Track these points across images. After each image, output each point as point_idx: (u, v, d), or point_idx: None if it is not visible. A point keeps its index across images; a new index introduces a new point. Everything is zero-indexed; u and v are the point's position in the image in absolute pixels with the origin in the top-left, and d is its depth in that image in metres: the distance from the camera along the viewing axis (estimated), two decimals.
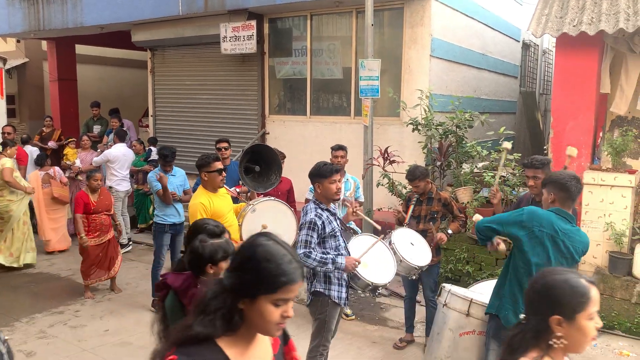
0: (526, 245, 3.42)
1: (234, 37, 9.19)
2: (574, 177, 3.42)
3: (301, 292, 6.76)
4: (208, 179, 4.76)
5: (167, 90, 11.12)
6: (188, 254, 2.70)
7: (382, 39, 8.41)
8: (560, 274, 1.92)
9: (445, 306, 4.39)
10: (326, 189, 4.02)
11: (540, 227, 3.37)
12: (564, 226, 3.37)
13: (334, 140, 7.42)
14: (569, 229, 3.39)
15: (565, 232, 3.36)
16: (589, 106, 6.43)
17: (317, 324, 4.12)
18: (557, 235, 3.35)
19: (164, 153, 6.35)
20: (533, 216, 3.41)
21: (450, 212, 5.32)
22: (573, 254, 3.39)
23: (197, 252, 2.64)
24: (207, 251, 2.63)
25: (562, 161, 6.47)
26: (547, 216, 3.40)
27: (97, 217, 6.74)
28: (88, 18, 10.86)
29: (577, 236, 3.43)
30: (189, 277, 2.64)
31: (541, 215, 3.41)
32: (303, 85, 9.25)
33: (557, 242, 3.36)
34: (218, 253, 2.63)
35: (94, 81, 14.96)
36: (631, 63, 6.45)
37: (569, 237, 3.37)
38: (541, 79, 13.92)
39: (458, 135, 7.25)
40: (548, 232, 3.36)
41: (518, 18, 11.35)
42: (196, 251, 2.64)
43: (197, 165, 4.82)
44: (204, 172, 4.76)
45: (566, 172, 3.48)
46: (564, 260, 3.39)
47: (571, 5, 6.43)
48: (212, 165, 4.76)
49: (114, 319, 6.03)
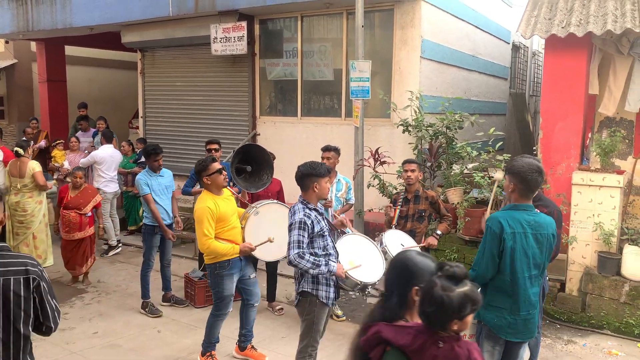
0: (505, 254, 3.42)
1: (224, 38, 9.17)
2: (536, 168, 3.39)
3: (292, 293, 6.75)
4: (211, 181, 4.75)
5: (157, 92, 11.08)
6: (427, 304, 2.13)
7: (373, 40, 8.43)
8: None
9: None
10: (323, 188, 4.05)
11: (510, 228, 3.38)
12: (528, 218, 3.41)
13: (325, 141, 7.41)
14: (533, 220, 3.42)
15: (531, 224, 3.40)
16: (578, 107, 6.47)
17: (305, 324, 4.11)
18: (527, 230, 3.39)
19: (146, 150, 6.34)
20: (500, 222, 3.41)
21: (437, 211, 5.34)
22: (549, 238, 3.44)
23: (442, 304, 2.08)
24: (455, 303, 2.08)
25: (552, 162, 6.53)
26: (509, 214, 3.43)
27: (66, 213, 6.91)
28: (77, 19, 10.80)
29: (542, 221, 3.45)
30: (421, 332, 2.15)
31: (504, 215, 3.44)
32: (294, 86, 9.24)
33: (528, 236, 3.39)
34: (467, 306, 2.10)
35: (83, 82, 14.89)
36: (619, 64, 6.49)
37: (535, 227, 3.41)
38: (531, 81, 14.02)
39: (448, 136, 7.27)
40: (518, 230, 3.38)
41: (507, 20, 11.41)
42: (440, 303, 2.08)
43: (197, 171, 4.81)
44: (205, 177, 4.74)
45: (529, 163, 3.40)
46: (539, 248, 3.41)
47: (560, 7, 6.48)
48: (210, 167, 4.74)
49: (103, 321, 5.99)
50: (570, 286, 6.14)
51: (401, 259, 2.40)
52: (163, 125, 11.01)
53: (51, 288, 2.58)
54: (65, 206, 6.91)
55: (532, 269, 3.44)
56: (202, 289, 6.32)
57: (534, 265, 3.44)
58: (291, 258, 3.87)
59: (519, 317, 3.49)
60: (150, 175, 6.20)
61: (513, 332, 3.52)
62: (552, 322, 6.06)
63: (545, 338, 5.60)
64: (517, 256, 3.40)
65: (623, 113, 6.86)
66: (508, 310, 3.50)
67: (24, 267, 2.46)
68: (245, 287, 4.97)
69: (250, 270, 4.98)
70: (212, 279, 4.81)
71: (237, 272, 4.82)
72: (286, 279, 7.14)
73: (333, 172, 6.05)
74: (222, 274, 4.73)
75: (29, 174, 7.13)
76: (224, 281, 4.75)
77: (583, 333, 5.86)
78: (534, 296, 3.50)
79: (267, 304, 6.31)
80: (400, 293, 2.29)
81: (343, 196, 6.11)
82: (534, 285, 3.48)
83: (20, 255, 2.54)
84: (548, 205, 4.39)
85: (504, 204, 4.01)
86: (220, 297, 4.81)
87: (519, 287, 3.44)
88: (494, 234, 3.40)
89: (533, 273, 3.45)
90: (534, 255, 3.43)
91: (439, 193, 7.06)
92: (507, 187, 3.52)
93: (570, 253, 6.12)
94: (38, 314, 2.50)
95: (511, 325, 3.51)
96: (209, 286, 4.97)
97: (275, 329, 5.79)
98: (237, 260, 4.79)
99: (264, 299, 6.36)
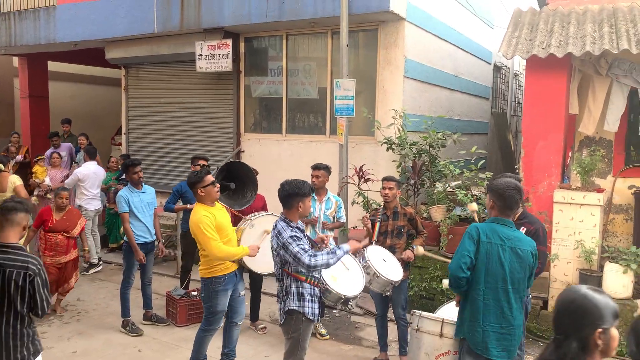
0: (480, 263, 3.45)
1: (209, 56, 9.19)
2: (514, 187, 3.47)
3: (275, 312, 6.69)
4: (205, 193, 4.72)
5: (141, 108, 11.02)
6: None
7: (357, 59, 8.51)
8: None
9: (418, 331, 4.38)
10: (307, 207, 4.09)
11: (487, 237, 3.43)
12: (507, 232, 3.45)
13: (309, 158, 7.43)
14: (512, 235, 3.45)
15: (510, 238, 3.43)
16: (559, 126, 6.58)
17: (291, 342, 4.08)
18: (504, 242, 3.42)
19: (125, 163, 6.30)
20: (478, 229, 3.49)
21: (415, 227, 5.37)
22: (528, 256, 3.43)
23: None
24: None
25: (533, 180, 6.61)
26: (489, 226, 3.48)
27: (52, 237, 6.54)
28: (61, 34, 10.75)
29: (522, 237, 3.48)
30: None
31: (483, 226, 3.50)
32: (279, 104, 9.27)
33: (505, 249, 3.41)
34: None
35: (66, 99, 14.76)
36: (598, 85, 6.64)
37: (514, 241, 3.43)
38: (512, 101, 14.24)
39: (431, 155, 7.33)
40: (495, 242, 3.42)
41: (489, 41, 11.63)
42: None
43: (191, 183, 4.74)
44: (200, 189, 4.71)
45: (507, 181, 3.50)
46: (519, 263, 3.41)
47: (540, 29, 6.62)
48: (205, 179, 4.72)
49: (82, 340, 5.86)
50: (553, 304, 6.17)
51: (576, 299, 2.15)
52: (146, 142, 10.94)
53: (45, 282, 3.42)
54: (50, 229, 6.54)
55: (507, 283, 3.42)
56: (184, 307, 6.24)
57: (511, 279, 3.41)
58: (308, 264, 3.84)
59: (492, 331, 3.46)
60: (132, 191, 6.14)
61: (487, 348, 3.48)
62: (535, 340, 6.08)
63: (528, 356, 5.60)
64: (491, 266, 3.42)
65: (602, 132, 7.00)
66: (480, 323, 3.49)
67: (26, 264, 3.33)
68: (233, 305, 4.92)
69: (242, 287, 4.96)
70: (206, 293, 4.76)
71: (231, 287, 4.78)
72: (269, 297, 7.09)
73: (323, 190, 6.04)
74: (217, 290, 4.69)
75: (10, 188, 7.06)
76: (218, 296, 4.71)
77: None
78: (510, 311, 3.45)
79: (250, 323, 6.24)
80: (580, 336, 2.09)
81: (332, 214, 6.09)
82: (509, 300, 3.44)
83: (27, 255, 3.41)
84: (534, 222, 4.43)
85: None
86: (213, 312, 4.75)
87: (492, 299, 3.44)
88: (471, 237, 3.48)
89: (509, 287, 3.42)
90: (512, 270, 3.41)
91: (422, 211, 7.10)
92: (488, 204, 3.61)
93: (552, 270, 6.16)
94: (31, 301, 3.38)
95: (485, 340, 3.48)
96: (202, 300, 4.90)
97: (258, 348, 5.72)
98: (232, 275, 4.77)
99: (247, 317, 6.29)
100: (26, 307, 3.37)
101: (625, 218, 6.96)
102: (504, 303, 3.44)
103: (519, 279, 3.44)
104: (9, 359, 3.37)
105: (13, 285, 3.29)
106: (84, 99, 15.28)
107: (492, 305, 3.45)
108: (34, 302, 3.38)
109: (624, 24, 6.30)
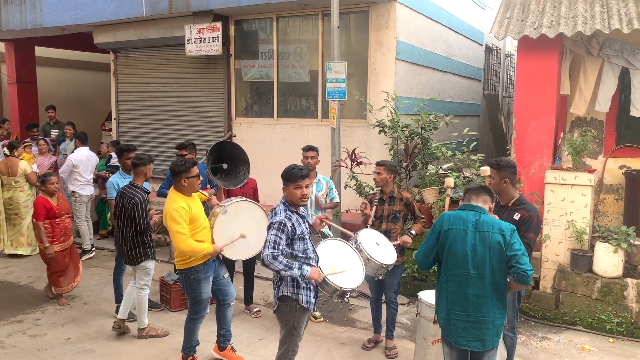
0: (443, 251, 3.52)
1: (199, 39, 9.09)
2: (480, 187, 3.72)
3: (269, 296, 6.70)
4: (188, 184, 4.69)
5: (130, 93, 10.92)
6: None
7: (348, 42, 8.45)
8: None
9: (419, 315, 4.51)
10: (291, 194, 3.97)
11: (449, 224, 3.52)
12: (472, 217, 3.50)
13: (301, 142, 7.40)
14: (480, 219, 3.48)
15: (474, 222, 3.48)
16: (550, 107, 6.58)
17: (286, 330, 4.02)
18: (468, 227, 3.47)
19: (120, 147, 6.33)
20: (442, 219, 3.60)
21: (412, 212, 5.36)
22: (494, 238, 3.39)
23: None
24: None
25: (525, 161, 6.63)
26: (455, 213, 3.57)
27: (61, 222, 6.53)
28: (48, 19, 10.59)
29: (489, 220, 3.49)
30: None
31: (448, 214, 3.60)
32: (270, 88, 9.21)
33: (468, 233, 3.45)
34: None
35: (54, 84, 14.59)
36: (589, 65, 6.63)
37: (480, 225, 3.45)
38: (504, 82, 14.22)
39: (423, 137, 7.32)
40: (458, 227, 3.49)
41: (481, 22, 11.57)
42: None
43: (178, 171, 4.69)
44: (184, 178, 4.68)
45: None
46: (482, 246, 3.40)
47: (532, 9, 6.59)
48: (192, 170, 4.70)
49: (76, 327, 5.86)
50: (544, 284, 6.23)
51: None
52: (137, 127, 10.86)
53: (145, 209, 5.48)
54: (58, 214, 6.46)
55: (469, 267, 3.41)
56: (178, 293, 6.24)
57: (473, 263, 3.40)
58: (263, 257, 3.79)
59: (458, 319, 3.46)
60: (124, 177, 6.10)
61: (454, 335, 3.48)
62: (527, 319, 6.15)
63: (521, 335, 5.67)
64: (452, 253, 3.47)
65: (593, 113, 7.01)
66: (446, 310, 3.52)
67: (134, 197, 5.39)
68: (221, 288, 4.93)
69: (224, 271, 4.97)
70: (187, 284, 4.74)
71: (212, 274, 4.79)
72: (263, 281, 7.10)
73: (312, 172, 6.04)
74: (199, 278, 4.68)
75: (20, 173, 8.17)
76: (200, 285, 4.70)
77: (557, 329, 5.95)
78: (477, 298, 3.41)
79: (244, 306, 6.26)
80: None
81: (324, 196, 6.10)
82: (474, 284, 3.41)
83: (140, 191, 5.44)
84: (530, 210, 4.28)
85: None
86: (198, 301, 4.75)
87: (454, 285, 3.47)
88: (433, 229, 3.62)
89: (472, 272, 3.40)
90: (475, 253, 3.40)
91: (414, 193, 7.11)
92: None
93: (543, 251, 6.21)
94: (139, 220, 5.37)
95: (451, 327, 3.49)
96: (184, 291, 4.91)
97: (252, 332, 5.75)
98: (211, 262, 4.77)
99: (241, 301, 6.31)
100: (139, 223, 5.28)
101: (616, 198, 7.01)
102: (467, 289, 3.42)
103: (483, 263, 3.39)
104: (131, 257, 5.38)
105: (131, 207, 5.27)
106: (72, 85, 15.11)
107: (456, 292, 3.47)
108: (139, 219, 5.29)
109: (616, 3, 6.27)
